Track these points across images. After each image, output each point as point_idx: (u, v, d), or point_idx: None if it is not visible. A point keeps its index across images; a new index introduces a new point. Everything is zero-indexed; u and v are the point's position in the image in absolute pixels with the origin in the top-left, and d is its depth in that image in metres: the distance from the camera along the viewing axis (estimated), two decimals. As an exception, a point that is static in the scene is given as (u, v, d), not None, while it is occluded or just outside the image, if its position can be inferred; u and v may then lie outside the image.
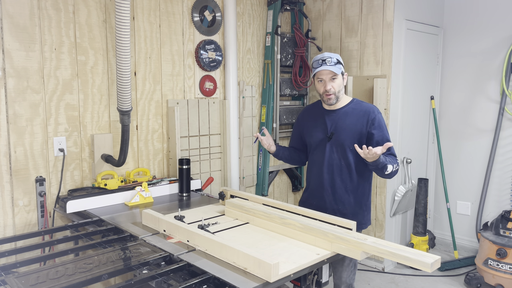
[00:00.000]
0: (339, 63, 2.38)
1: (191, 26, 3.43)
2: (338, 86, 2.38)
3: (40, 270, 1.73)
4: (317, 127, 2.52)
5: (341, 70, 2.38)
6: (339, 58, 2.39)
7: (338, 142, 2.42)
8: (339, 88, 2.40)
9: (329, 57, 2.36)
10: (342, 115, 2.44)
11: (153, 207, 2.70)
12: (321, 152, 2.49)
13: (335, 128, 2.44)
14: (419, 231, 3.95)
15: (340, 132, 2.42)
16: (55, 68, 2.71)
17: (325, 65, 2.33)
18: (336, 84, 2.37)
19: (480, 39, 4.18)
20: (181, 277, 1.75)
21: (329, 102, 2.42)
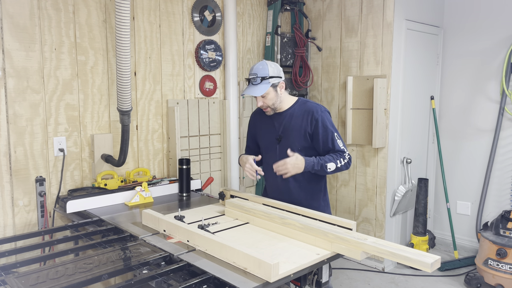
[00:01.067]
0: (266, 79, 2.33)
1: (191, 26, 3.43)
2: (270, 101, 2.38)
3: (40, 270, 1.73)
4: (267, 130, 2.53)
5: (269, 85, 2.33)
6: (264, 72, 2.34)
7: (287, 144, 2.41)
8: (272, 101, 2.39)
9: (253, 75, 2.35)
10: (288, 117, 2.44)
11: (153, 207, 2.70)
12: (272, 155, 2.48)
13: (283, 130, 2.44)
14: (419, 231, 3.96)
15: (288, 134, 2.42)
16: (55, 68, 2.71)
17: (251, 85, 2.36)
18: (267, 99, 2.37)
19: (480, 39, 4.18)
20: (181, 277, 1.75)
21: (268, 114, 2.47)
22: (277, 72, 2.38)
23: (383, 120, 3.70)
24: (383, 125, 3.71)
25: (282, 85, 2.41)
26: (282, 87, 2.40)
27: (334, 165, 2.31)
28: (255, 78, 2.34)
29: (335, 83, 4.14)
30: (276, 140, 2.47)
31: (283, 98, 2.44)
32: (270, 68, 2.36)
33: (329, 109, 4.20)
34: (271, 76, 2.35)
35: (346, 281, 3.65)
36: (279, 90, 2.39)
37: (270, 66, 2.36)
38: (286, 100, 2.46)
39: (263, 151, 2.58)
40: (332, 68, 4.14)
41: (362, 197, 4.00)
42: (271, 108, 2.42)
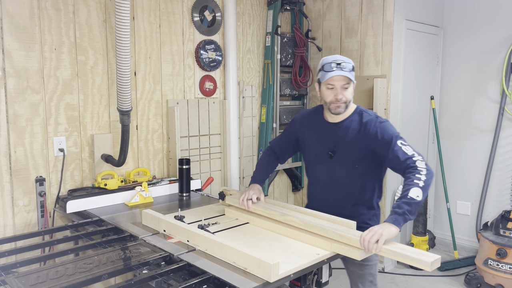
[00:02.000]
0: (353, 70, 2.13)
1: (191, 26, 3.43)
2: (350, 95, 2.13)
3: (40, 270, 1.73)
4: (317, 141, 2.27)
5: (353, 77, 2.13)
6: (347, 60, 2.12)
7: (341, 160, 2.18)
8: (350, 97, 2.14)
9: (343, 61, 2.08)
10: (344, 129, 2.18)
11: (153, 207, 2.70)
12: (322, 169, 2.26)
13: (337, 144, 2.19)
14: (419, 231, 3.95)
15: (343, 149, 2.17)
16: (55, 68, 2.71)
17: (340, 70, 2.06)
18: (349, 92, 2.12)
19: (480, 39, 4.18)
20: (181, 277, 1.75)
21: (337, 111, 2.14)
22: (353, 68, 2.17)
23: (383, 120, 3.70)
24: (383, 125, 3.70)
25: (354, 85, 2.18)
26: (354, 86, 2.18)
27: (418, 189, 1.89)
28: (346, 65, 2.08)
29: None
30: (327, 155, 2.21)
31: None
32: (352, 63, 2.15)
33: (329, 109, 4.22)
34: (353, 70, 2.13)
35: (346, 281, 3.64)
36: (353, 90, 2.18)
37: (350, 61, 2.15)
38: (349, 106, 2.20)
39: (310, 162, 2.34)
40: (332, 68, 4.14)
41: (362, 197, 3.99)
42: (345, 105, 2.13)
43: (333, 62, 2.09)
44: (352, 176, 2.18)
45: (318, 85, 2.20)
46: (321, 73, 2.15)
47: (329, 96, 2.13)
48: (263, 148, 4.03)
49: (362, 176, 2.18)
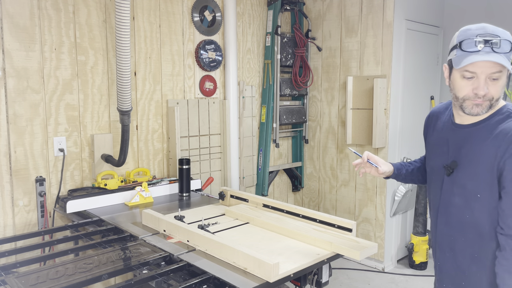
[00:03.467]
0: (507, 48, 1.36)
1: (191, 26, 3.43)
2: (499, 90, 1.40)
3: (40, 270, 1.73)
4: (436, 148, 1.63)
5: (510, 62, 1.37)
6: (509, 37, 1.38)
7: (460, 181, 1.49)
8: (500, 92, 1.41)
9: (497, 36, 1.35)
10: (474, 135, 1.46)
11: (153, 207, 2.70)
12: (437, 189, 1.60)
13: (458, 156, 1.50)
14: (419, 231, 3.95)
15: (465, 165, 1.47)
16: (55, 68, 2.71)
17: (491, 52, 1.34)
18: (499, 86, 1.39)
19: (480, 39, 4.17)
20: (181, 277, 1.75)
21: (475, 112, 1.43)
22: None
23: (383, 120, 3.70)
24: (383, 125, 3.71)
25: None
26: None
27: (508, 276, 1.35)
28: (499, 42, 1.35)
29: (335, 83, 4.14)
30: (443, 169, 1.55)
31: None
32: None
33: (329, 109, 4.22)
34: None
35: (346, 281, 3.65)
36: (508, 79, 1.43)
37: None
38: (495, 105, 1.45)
39: (428, 177, 1.70)
40: (332, 68, 4.14)
41: (362, 197, 4.00)
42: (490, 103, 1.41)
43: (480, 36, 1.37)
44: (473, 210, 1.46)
45: (449, 70, 1.48)
46: (456, 53, 1.42)
47: (464, 89, 1.42)
48: (263, 148, 4.03)
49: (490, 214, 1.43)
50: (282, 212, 2.34)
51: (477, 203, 1.44)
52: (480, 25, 1.40)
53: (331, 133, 4.20)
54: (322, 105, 4.27)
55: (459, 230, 1.51)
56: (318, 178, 4.37)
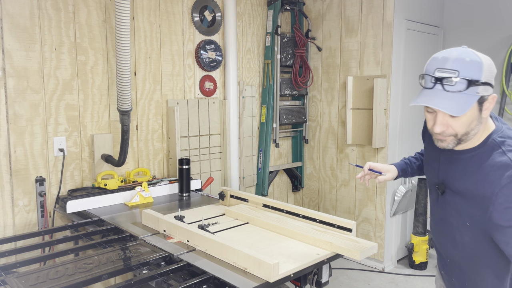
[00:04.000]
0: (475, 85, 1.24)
1: (191, 26, 3.43)
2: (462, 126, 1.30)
3: (40, 270, 1.73)
4: (431, 160, 1.59)
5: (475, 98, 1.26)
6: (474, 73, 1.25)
7: (453, 204, 1.45)
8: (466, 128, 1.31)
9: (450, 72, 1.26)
10: (463, 163, 1.40)
11: (153, 207, 2.70)
12: (434, 209, 1.58)
13: (447, 179, 1.47)
14: (419, 231, 3.95)
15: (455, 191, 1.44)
16: (55, 68, 2.71)
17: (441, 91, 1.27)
18: (462, 122, 1.29)
19: (480, 39, 4.18)
20: (181, 277, 1.75)
21: (441, 146, 1.38)
22: (490, 75, 1.28)
23: (383, 120, 3.70)
24: (383, 125, 3.71)
25: (493, 100, 1.31)
26: (491, 103, 1.31)
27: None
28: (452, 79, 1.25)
29: (335, 83, 4.14)
30: (436, 188, 1.53)
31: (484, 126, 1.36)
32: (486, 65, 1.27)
33: (329, 109, 4.22)
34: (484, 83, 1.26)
35: (346, 281, 3.65)
36: (484, 110, 1.31)
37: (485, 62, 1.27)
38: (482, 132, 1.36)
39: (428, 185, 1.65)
40: (332, 68, 4.14)
41: (362, 197, 4.00)
42: (454, 138, 1.34)
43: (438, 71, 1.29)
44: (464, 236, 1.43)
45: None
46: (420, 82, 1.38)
47: (428, 123, 1.39)
48: (263, 148, 4.03)
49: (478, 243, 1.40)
50: (282, 212, 2.34)
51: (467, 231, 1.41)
52: (447, 54, 1.31)
53: (331, 133, 4.20)
54: (322, 105, 4.27)
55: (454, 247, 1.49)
56: (318, 178, 4.37)
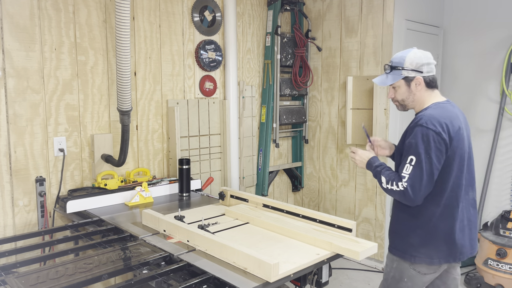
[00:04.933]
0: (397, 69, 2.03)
1: (191, 26, 3.43)
2: (399, 95, 2.07)
3: (40, 270, 1.73)
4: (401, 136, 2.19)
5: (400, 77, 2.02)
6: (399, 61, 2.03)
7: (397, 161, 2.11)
8: (402, 97, 2.07)
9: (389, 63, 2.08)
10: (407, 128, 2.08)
11: (153, 207, 2.70)
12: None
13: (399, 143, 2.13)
14: (419, 231, 3.96)
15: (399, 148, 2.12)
16: (55, 68, 2.71)
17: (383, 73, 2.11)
18: (398, 92, 2.07)
19: (480, 39, 4.18)
20: (181, 277, 1.75)
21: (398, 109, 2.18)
22: (415, 64, 1.99)
23: (383, 120, 3.70)
24: (383, 125, 3.71)
25: (418, 81, 2.00)
26: (418, 83, 2.01)
27: (385, 183, 1.97)
28: (387, 66, 2.07)
29: (335, 83, 4.14)
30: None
31: (419, 98, 2.05)
32: (409, 58, 2.00)
33: (329, 109, 4.22)
34: (405, 68, 2.00)
35: (346, 281, 3.65)
36: (413, 87, 2.02)
37: (409, 55, 2.01)
38: (423, 102, 2.06)
39: None
40: (332, 68, 4.14)
41: (362, 197, 4.00)
42: (399, 104, 2.12)
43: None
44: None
45: None
46: None
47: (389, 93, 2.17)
48: (263, 148, 4.03)
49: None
50: (282, 212, 2.34)
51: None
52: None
53: (331, 133, 4.20)
54: (322, 105, 4.27)
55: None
56: (318, 178, 4.37)
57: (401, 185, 1.90)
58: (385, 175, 1.98)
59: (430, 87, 2.03)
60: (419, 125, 1.92)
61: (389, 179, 1.95)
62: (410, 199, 1.89)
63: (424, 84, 2.02)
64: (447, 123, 1.92)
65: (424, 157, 1.87)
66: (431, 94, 2.05)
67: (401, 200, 1.94)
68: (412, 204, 1.93)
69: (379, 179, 2.01)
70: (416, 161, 1.88)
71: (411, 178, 1.88)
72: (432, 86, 2.04)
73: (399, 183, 1.91)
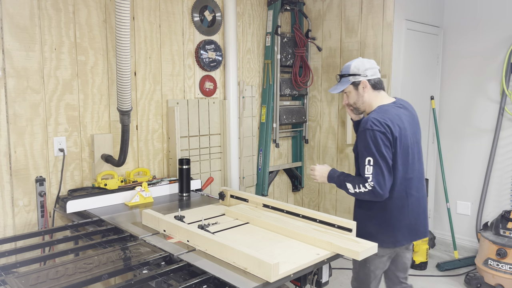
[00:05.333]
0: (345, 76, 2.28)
1: (191, 26, 3.43)
2: (351, 99, 2.32)
3: (40, 270, 1.73)
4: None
5: (348, 83, 2.27)
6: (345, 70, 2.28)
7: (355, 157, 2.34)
8: (353, 100, 2.31)
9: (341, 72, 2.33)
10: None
11: (153, 207, 2.70)
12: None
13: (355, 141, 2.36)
14: (419, 231, 3.96)
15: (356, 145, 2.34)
16: (55, 68, 2.71)
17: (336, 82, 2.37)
18: (349, 97, 2.32)
19: (480, 39, 4.18)
20: (181, 277, 1.75)
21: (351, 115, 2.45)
22: (358, 69, 2.23)
23: (383, 120, 3.70)
24: (383, 125, 3.70)
25: (365, 84, 2.23)
26: (365, 86, 2.24)
27: (352, 188, 2.19)
28: (337, 76, 2.35)
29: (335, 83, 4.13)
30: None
31: (367, 99, 2.27)
32: (354, 65, 2.25)
33: (329, 110, 4.22)
34: (351, 74, 2.25)
35: (346, 281, 3.65)
36: (360, 90, 2.25)
37: (354, 63, 2.25)
38: (371, 103, 2.28)
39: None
40: (332, 68, 4.14)
41: (362, 197, 3.99)
42: (353, 108, 2.35)
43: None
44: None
45: None
46: None
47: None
48: (263, 148, 4.03)
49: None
50: (282, 212, 2.34)
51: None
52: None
53: (331, 133, 4.20)
54: (322, 105, 4.27)
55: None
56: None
57: (368, 186, 2.12)
58: (349, 181, 2.19)
59: (376, 88, 2.26)
60: (366, 129, 2.13)
61: (354, 184, 2.17)
62: (379, 194, 2.11)
63: (370, 86, 2.25)
64: (388, 124, 2.13)
65: (378, 155, 2.10)
66: (378, 96, 2.27)
67: (371, 198, 2.15)
68: (381, 199, 2.14)
69: (345, 187, 2.21)
70: (373, 161, 2.11)
71: (374, 177, 2.10)
72: (378, 88, 2.27)
73: (365, 184, 2.12)
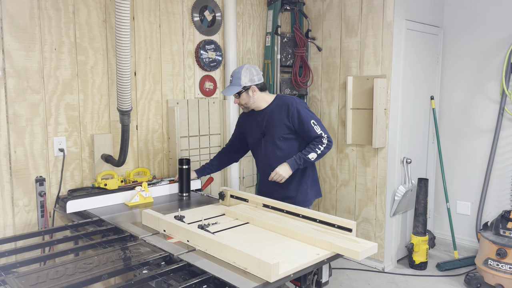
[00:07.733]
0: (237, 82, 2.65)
1: (191, 26, 3.43)
2: (242, 100, 2.71)
3: (40, 270, 1.73)
4: (253, 128, 2.82)
5: (239, 87, 2.63)
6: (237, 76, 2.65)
7: (270, 137, 2.71)
8: (245, 101, 2.71)
9: (231, 77, 2.70)
10: (268, 113, 2.72)
11: (153, 207, 2.70)
12: (259, 148, 2.80)
13: (266, 125, 2.72)
14: (419, 231, 3.95)
15: (270, 128, 2.70)
16: (55, 68, 2.71)
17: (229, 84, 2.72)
18: (240, 99, 2.71)
19: (480, 39, 4.18)
20: (181, 277, 1.75)
21: (244, 111, 2.85)
22: (248, 79, 2.65)
23: (383, 120, 3.70)
24: (383, 125, 3.71)
25: (254, 89, 2.68)
26: (254, 90, 2.68)
27: (315, 154, 2.59)
28: (231, 79, 2.70)
29: (335, 83, 4.14)
30: (261, 135, 2.76)
31: (257, 99, 2.72)
32: (243, 74, 2.65)
33: (329, 109, 4.23)
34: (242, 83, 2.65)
35: (346, 281, 3.65)
36: (251, 93, 2.68)
37: (244, 72, 2.65)
38: (264, 99, 2.74)
39: (252, 147, 2.91)
40: (332, 68, 4.14)
41: (362, 197, 4.00)
42: (244, 107, 2.76)
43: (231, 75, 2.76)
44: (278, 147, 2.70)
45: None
46: None
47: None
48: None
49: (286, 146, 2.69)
50: (282, 212, 2.34)
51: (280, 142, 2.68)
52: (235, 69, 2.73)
53: (331, 133, 4.20)
54: (322, 105, 4.27)
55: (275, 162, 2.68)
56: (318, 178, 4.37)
57: (325, 140, 2.61)
58: (310, 151, 2.59)
59: (262, 90, 2.72)
60: (297, 104, 2.64)
61: (313, 149, 2.59)
62: (332, 142, 2.65)
63: (258, 90, 2.69)
64: None
65: (315, 117, 2.65)
66: (263, 94, 2.74)
67: (329, 149, 2.64)
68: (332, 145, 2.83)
69: (308, 159, 2.59)
70: (317, 121, 2.63)
71: (325, 132, 2.63)
72: (264, 89, 2.74)
73: (322, 140, 2.61)
